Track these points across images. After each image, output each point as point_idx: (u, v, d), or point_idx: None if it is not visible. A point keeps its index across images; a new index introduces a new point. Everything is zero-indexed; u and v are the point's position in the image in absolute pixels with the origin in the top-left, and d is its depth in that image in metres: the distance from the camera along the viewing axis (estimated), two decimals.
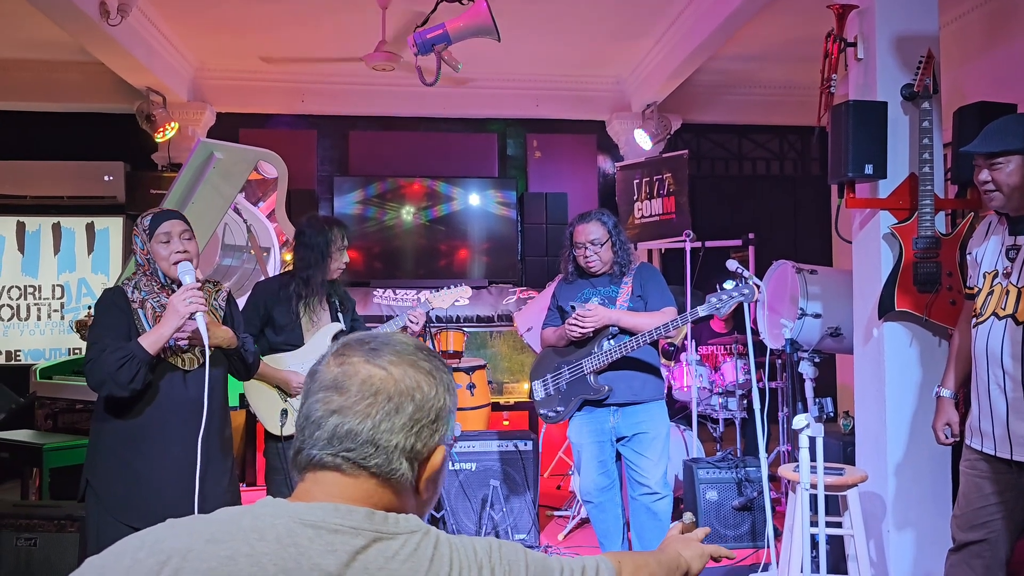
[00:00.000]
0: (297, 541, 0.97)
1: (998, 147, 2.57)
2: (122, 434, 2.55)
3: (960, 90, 4.45)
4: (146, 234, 2.58)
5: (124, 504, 2.52)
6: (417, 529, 1.03)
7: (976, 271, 2.79)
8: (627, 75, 7.31)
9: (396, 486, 1.06)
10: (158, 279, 2.61)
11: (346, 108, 7.35)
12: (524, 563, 1.08)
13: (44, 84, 6.88)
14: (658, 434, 3.56)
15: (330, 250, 3.37)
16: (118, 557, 0.97)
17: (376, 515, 1.02)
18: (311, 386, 1.08)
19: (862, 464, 3.63)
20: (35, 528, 3.25)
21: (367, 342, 1.10)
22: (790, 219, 7.93)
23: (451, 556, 1.02)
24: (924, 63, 3.38)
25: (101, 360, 2.44)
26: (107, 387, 2.45)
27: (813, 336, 4.20)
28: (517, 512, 4.45)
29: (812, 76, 3.98)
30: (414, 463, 1.07)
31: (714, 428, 5.43)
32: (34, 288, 6.95)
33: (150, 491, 2.52)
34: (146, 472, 2.53)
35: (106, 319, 2.55)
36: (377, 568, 0.98)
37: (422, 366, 1.10)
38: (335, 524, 0.99)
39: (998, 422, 2.60)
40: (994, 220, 2.76)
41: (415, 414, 1.06)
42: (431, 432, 1.08)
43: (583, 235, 3.61)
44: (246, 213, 5.50)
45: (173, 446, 2.54)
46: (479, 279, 7.16)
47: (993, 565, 2.71)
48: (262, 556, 0.95)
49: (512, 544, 1.11)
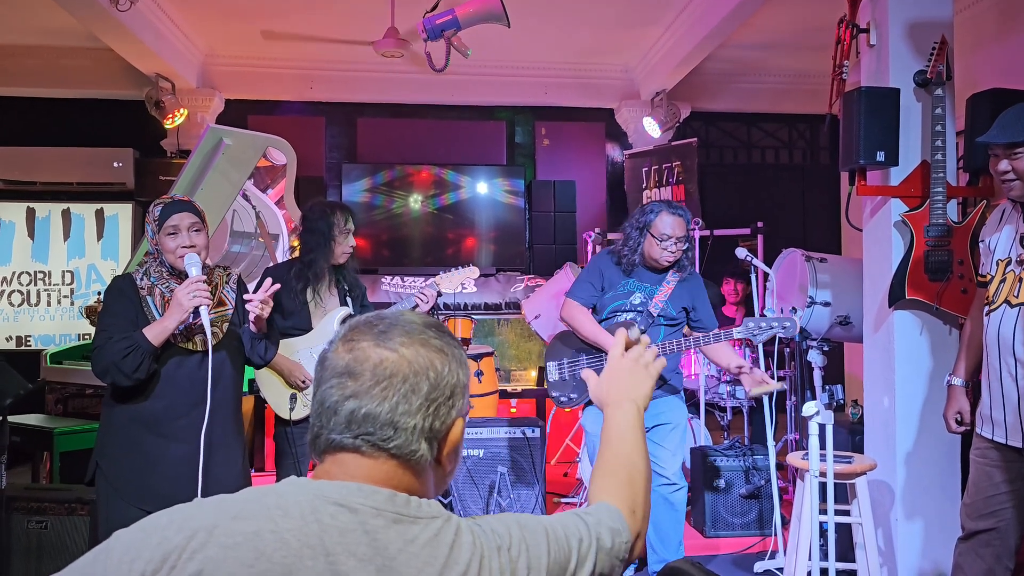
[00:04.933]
0: (320, 518, 0.98)
1: (1019, 136, 2.54)
2: (133, 417, 2.56)
3: (972, 77, 4.42)
4: (155, 224, 2.59)
5: (134, 487, 2.53)
6: (439, 515, 1.03)
7: (989, 259, 2.77)
8: (636, 63, 7.28)
9: (416, 467, 1.07)
10: (166, 267, 2.62)
11: (354, 95, 7.34)
12: (546, 546, 1.08)
13: (54, 70, 6.89)
14: (677, 425, 3.56)
15: (332, 233, 3.35)
16: (148, 533, 0.98)
17: (398, 497, 1.02)
18: (322, 373, 1.07)
19: (871, 452, 3.63)
20: (46, 511, 3.28)
21: (375, 324, 1.09)
22: (799, 208, 7.91)
23: (473, 543, 1.02)
24: (937, 49, 3.34)
25: (106, 348, 2.46)
26: (111, 375, 2.47)
27: (822, 324, 4.19)
28: (524, 499, 4.46)
29: (822, 64, 3.95)
30: (433, 442, 1.07)
31: (722, 416, 5.43)
32: (44, 274, 6.98)
33: (160, 474, 2.53)
34: (156, 454, 2.54)
35: (114, 307, 2.57)
36: (397, 550, 0.98)
37: (433, 344, 1.09)
38: (357, 503, 1.00)
39: (1010, 410, 2.59)
40: (1008, 208, 2.74)
41: (431, 393, 1.06)
42: (448, 408, 1.08)
43: (674, 229, 3.43)
44: (255, 200, 5.50)
45: (183, 429, 2.55)
46: (487, 267, 7.16)
47: (1003, 554, 2.70)
48: (285, 532, 0.96)
49: (534, 526, 1.09)
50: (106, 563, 0.97)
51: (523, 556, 1.05)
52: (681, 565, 1.36)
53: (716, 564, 4.07)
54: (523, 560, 1.05)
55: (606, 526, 1.16)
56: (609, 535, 1.16)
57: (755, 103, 7.69)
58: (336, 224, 3.36)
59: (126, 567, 0.96)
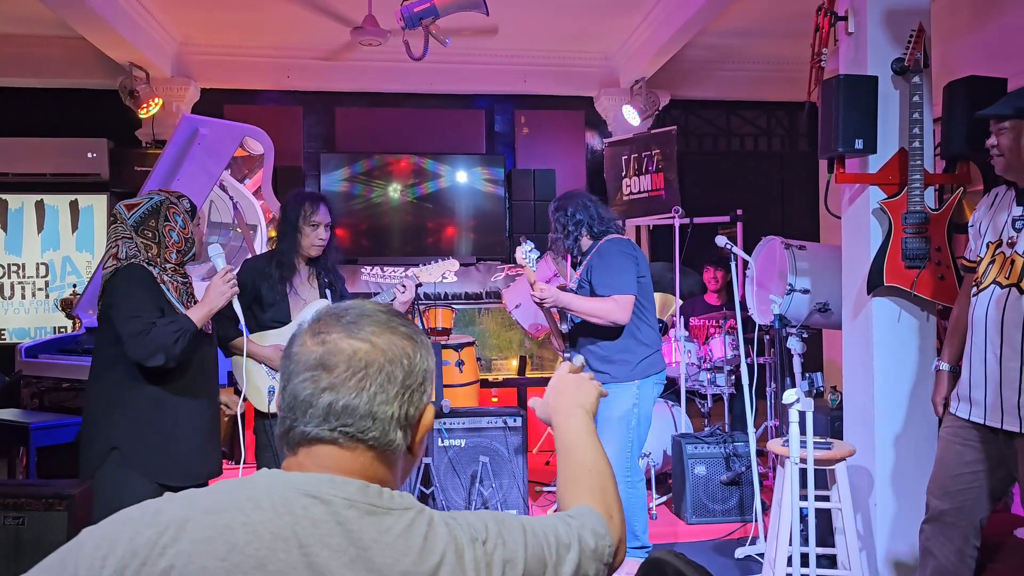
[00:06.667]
0: (292, 510, 0.98)
1: (1003, 110, 2.62)
2: (155, 399, 2.66)
3: (949, 65, 4.44)
4: (188, 215, 2.78)
5: (159, 465, 2.64)
6: (412, 507, 1.03)
7: (978, 242, 2.79)
8: (615, 50, 7.27)
9: (391, 457, 1.07)
10: (181, 258, 2.77)
11: (332, 84, 7.27)
12: (523, 541, 1.07)
13: (25, 59, 6.77)
14: (608, 418, 3.53)
15: (299, 224, 3.32)
16: (119, 529, 0.98)
17: (371, 488, 1.02)
18: (292, 367, 1.07)
19: (849, 438, 3.66)
20: (23, 507, 3.23)
21: (342, 316, 1.09)
22: (778, 195, 7.93)
23: (448, 534, 1.02)
24: (915, 37, 3.36)
25: (156, 333, 2.57)
26: (158, 358, 2.58)
27: (801, 312, 4.21)
28: (507, 488, 4.47)
29: (800, 52, 3.96)
30: (407, 430, 1.08)
31: (702, 404, 5.46)
32: (18, 266, 6.88)
33: (184, 450, 2.69)
34: (178, 432, 2.69)
35: (141, 294, 2.65)
36: (371, 540, 0.98)
37: (402, 331, 1.10)
38: (330, 494, 0.99)
39: (991, 390, 2.62)
40: (1001, 191, 2.77)
41: (406, 380, 1.07)
42: (420, 395, 1.10)
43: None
44: (232, 190, 5.45)
45: (197, 406, 2.75)
46: (467, 256, 7.14)
47: (970, 534, 2.74)
48: (258, 524, 0.96)
49: (511, 522, 1.09)
50: (77, 559, 0.96)
51: (499, 550, 1.04)
52: (664, 556, 1.36)
53: (697, 550, 4.09)
54: (499, 553, 1.04)
55: (588, 528, 1.16)
56: (592, 537, 1.15)
57: (734, 91, 7.70)
58: (303, 216, 3.32)
59: (98, 563, 0.95)
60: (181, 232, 2.76)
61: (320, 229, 3.33)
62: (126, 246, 2.69)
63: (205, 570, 0.93)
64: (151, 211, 2.73)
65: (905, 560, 3.45)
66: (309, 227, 3.32)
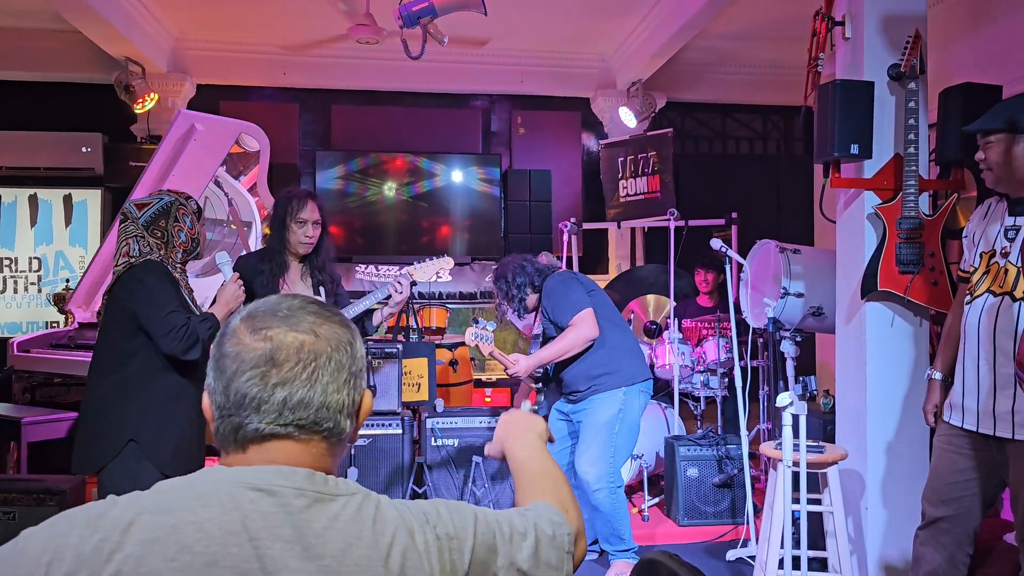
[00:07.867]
0: (240, 504, 0.97)
1: (988, 125, 2.62)
2: (174, 392, 2.70)
3: (945, 71, 4.46)
4: (195, 216, 2.84)
5: (181, 457, 2.67)
6: (356, 492, 1.04)
7: (972, 252, 2.81)
8: (612, 52, 7.28)
9: (338, 445, 1.09)
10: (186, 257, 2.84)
11: (329, 82, 7.27)
12: (472, 528, 1.09)
13: (19, 52, 6.74)
14: (589, 426, 3.69)
15: (286, 221, 3.32)
16: (64, 532, 0.95)
17: (316, 476, 1.02)
18: (233, 366, 1.04)
19: (842, 442, 3.67)
20: (13, 502, 3.23)
21: (276, 311, 1.08)
22: (773, 198, 7.95)
23: (399, 517, 1.03)
24: (911, 43, 3.37)
25: (194, 327, 2.65)
26: (195, 351, 2.65)
27: (795, 315, 4.22)
28: (499, 488, 4.47)
29: (797, 56, 3.97)
30: (352, 418, 1.10)
31: (695, 406, 5.46)
32: (10, 260, 6.86)
33: (198, 441, 2.75)
34: (192, 424, 2.72)
35: (170, 289, 2.69)
36: (322, 528, 0.98)
37: (337, 320, 1.11)
38: (277, 485, 0.99)
39: (983, 398, 2.63)
40: (994, 202, 2.78)
41: (351, 367, 1.09)
42: (361, 381, 1.12)
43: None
44: (227, 186, 5.44)
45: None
46: (462, 256, 7.14)
47: (963, 541, 2.76)
48: (206, 522, 0.95)
49: (463, 508, 1.11)
50: (16, 565, 0.93)
51: (449, 531, 1.06)
52: (658, 557, 1.36)
53: (689, 552, 4.10)
54: (449, 536, 1.06)
55: (545, 518, 1.18)
56: (549, 526, 1.17)
57: (731, 94, 7.72)
58: (289, 212, 3.32)
59: (43, 569, 0.92)
60: (189, 233, 2.82)
61: (307, 226, 3.33)
62: (138, 244, 2.72)
63: (155, 573, 0.92)
64: (162, 211, 2.76)
65: (896, 564, 3.46)
66: (296, 224, 3.32)
